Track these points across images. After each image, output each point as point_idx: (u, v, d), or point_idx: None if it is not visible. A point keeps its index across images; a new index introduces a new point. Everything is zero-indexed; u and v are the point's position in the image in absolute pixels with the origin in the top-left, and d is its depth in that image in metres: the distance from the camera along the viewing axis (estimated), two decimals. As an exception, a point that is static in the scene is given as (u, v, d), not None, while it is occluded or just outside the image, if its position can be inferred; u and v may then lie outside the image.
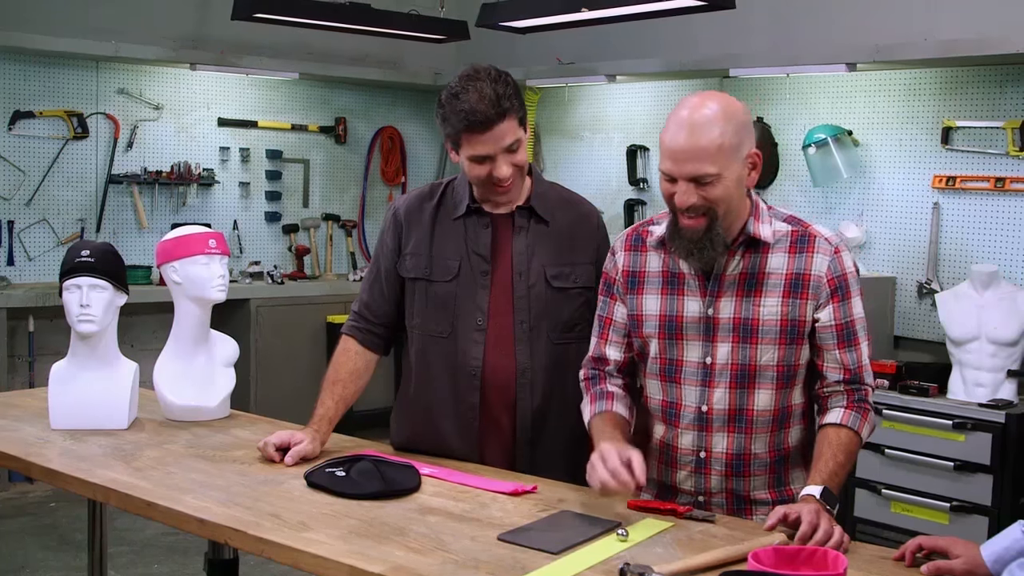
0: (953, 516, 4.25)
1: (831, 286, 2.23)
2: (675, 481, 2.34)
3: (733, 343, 2.24)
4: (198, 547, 2.84)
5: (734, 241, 2.24)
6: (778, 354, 2.23)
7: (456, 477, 2.42)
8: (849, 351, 2.25)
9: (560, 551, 1.96)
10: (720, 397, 2.26)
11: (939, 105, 4.92)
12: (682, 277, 2.29)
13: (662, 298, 2.31)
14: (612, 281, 2.41)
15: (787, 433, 2.30)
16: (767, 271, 2.24)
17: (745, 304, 2.23)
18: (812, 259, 2.23)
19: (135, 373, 2.90)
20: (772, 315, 2.22)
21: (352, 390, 2.66)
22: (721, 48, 5.52)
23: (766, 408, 2.26)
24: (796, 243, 2.25)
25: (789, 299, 2.22)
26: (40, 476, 2.54)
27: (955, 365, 4.53)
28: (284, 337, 6.20)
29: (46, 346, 5.69)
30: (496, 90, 2.42)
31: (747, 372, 2.24)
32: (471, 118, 2.40)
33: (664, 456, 2.35)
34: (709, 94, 2.20)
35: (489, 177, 2.47)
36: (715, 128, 2.11)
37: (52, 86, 5.88)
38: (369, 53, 6.73)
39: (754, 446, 2.27)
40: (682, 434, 2.31)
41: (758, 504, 2.30)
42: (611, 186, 6.33)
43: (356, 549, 1.96)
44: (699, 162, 2.11)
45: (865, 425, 2.25)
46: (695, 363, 2.28)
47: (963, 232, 4.86)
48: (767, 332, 2.23)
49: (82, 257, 2.79)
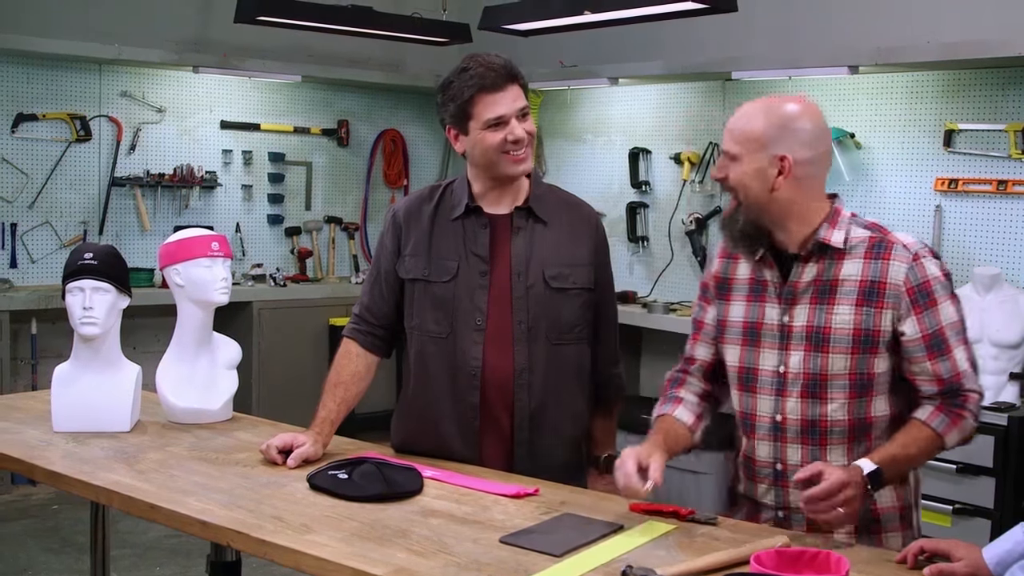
0: (955, 519, 4.23)
1: (910, 295, 2.17)
2: (757, 495, 2.33)
3: (805, 351, 2.22)
4: (200, 549, 2.83)
5: (803, 246, 2.24)
6: (850, 363, 2.19)
7: (458, 479, 2.43)
8: (942, 361, 2.18)
9: (562, 553, 1.96)
10: (793, 407, 2.24)
11: (941, 108, 4.91)
12: (765, 284, 2.30)
13: (747, 304, 2.32)
14: (707, 286, 2.43)
15: (868, 446, 2.21)
16: (841, 278, 2.21)
17: (818, 312, 2.22)
18: (888, 266, 2.18)
19: (138, 375, 2.90)
20: (845, 324, 2.19)
21: (354, 392, 2.67)
22: (723, 51, 5.51)
23: (840, 419, 2.21)
24: (872, 249, 2.21)
25: (863, 307, 2.19)
26: (43, 478, 2.55)
27: None
28: (286, 339, 6.19)
29: (48, 348, 5.68)
30: (502, 59, 2.52)
31: (818, 381, 2.21)
32: (485, 78, 2.47)
33: (747, 470, 2.35)
34: (792, 97, 2.27)
35: (504, 144, 2.50)
36: (758, 116, 2.20)
37: (55, 89, 5.87)
38: (371, 56, 6.73)
39: (830, 457, 2.21)
40: (759, 445, 2.30)
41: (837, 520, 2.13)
42: (613, 189, 6.33)
43: (358, 551, 1.96)
44: (730, 140, 2.23)
45: (953, 431, 2.17)
46: (770, 372, 2.27)
47: (965, 235, 4.84)
48: (839, 341, 2.19)
49: (85, 259, 2.80)
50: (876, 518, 2.24)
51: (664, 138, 6.08)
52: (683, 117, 5.99)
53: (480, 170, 2.59)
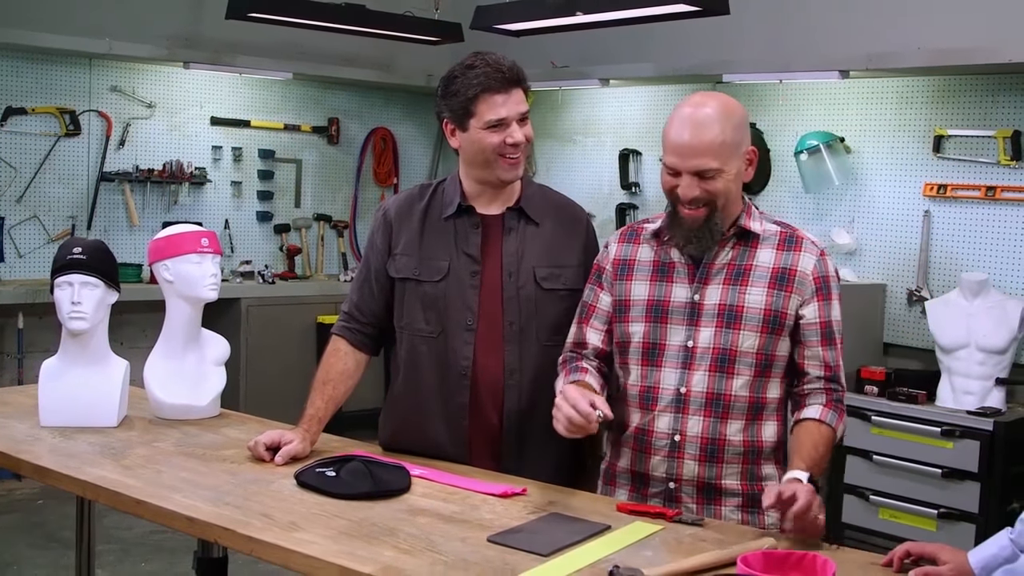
0: (941, 523, 4.27)
1: (816, 283, 2.33)
2: (648, 467, 2.37)
3: (716, 328, 2.31)
4: (187, 546, 2.82)
5: (726, 232, 2.35)
6: (759, 341, 2.31)
7: (446, 478, 2.42)
8: (830, 349, 2.34)
9: (550, 553, 1.96)
10: (699, 380, 2.31)
11: (931, 113, 4.94)
12: (672, 266, 2.38)
13: (651, 284, 2.39)
14: (601, 271, 2.48)
15: (761, 426, 2.34)
16: (755, 263, 2.34)
17: (731, 292, 2.32)
18: (799, 256, 2.33)
19: (126, 371, 2.89)
20: (757, 303, 2.31)
21: (342, 390, 2.66)
22: (714, 54, 5.53)
23: (743, 394, 2.31)
24: (784, 242, 2.36)
25: (774, 290, 2.31)
26: (29, 473, 2.53)
27: (944, 373, 4.55)
28: (274, 337, 6.19)
29: (35, 343, 5.68)
30: (508, 62, 2.52)
31: (727, 356, 2.31)
32: (491, 78, 2.47)
33: (638, 443, 2.38)
34: (710, 94, 2.33)
35: (502, 147, 2.50)
36: (716, 126, 2.23)
37: (44, 83, 5.86)
38: (363, 54, 6.71)
39: (729, 432, 2.31)
40: (658, 417, 2.35)
41: (728, 495, 2.33)
42: (603, 190, 6.33)
43: (346, 549, 1.96)
44: (703, 157, 2.23)
45: (840, 424, 2.33)
46: (677, 346, 2.34)
47: (953, 240, 4.87)
48: (750, 319, 2.30)
49: (74, 254, 2.78)
50: (760, 493, 2.25)
51: (654, 140, 6.04)
52: (674, 119, 5.98)
53: (472, 169, 2.59)
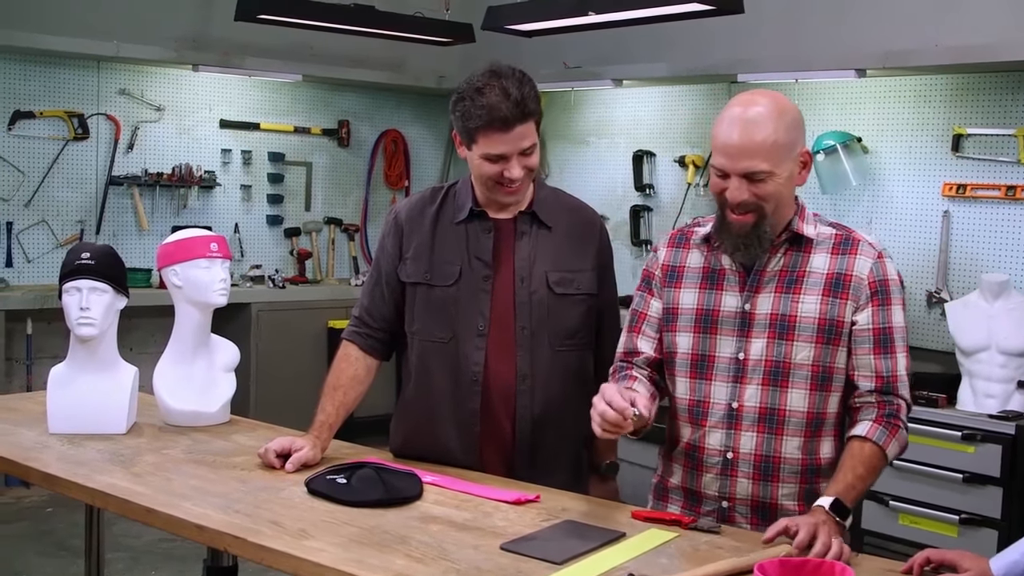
0: (962, 529, 4.22)
1: (871, 288, 2.22)
2: (700, 486, 2.31)
3: (769, 339, 2.22)
4: (197, 554, 2.83)
5: (777, 238, 2.26)
6: (814, 353, 2.21)
7: (458, 485, 2.42)
8: (885, 358, 2.22)
9: (563, 561, 1.96)
10: (752, 394, 2.23)
11: (950, 112, 4.89)
12: (722, 273, 2.30)
13: (700, 292, 2.31)
14: (651, 276, 2.41)
15: (820, 442, 2.25)
16: (808, 269, 2.24)
17: (784, 300, 2.23)
18: (855, 260, 2.23)
19: (135, 377, 2.89)
20: (810, 312, 2.22)
21: (353, 396, 2.66)
22: (729, 53, 5.48)
23: (799, 409, 2.22)
24: (839, 245, 2.26)
25: (829, 298, 2.22)
26: (37, 481, 2.53)
27: (964, 375, 4.50)
28: (285, 342, 6.18)
29: (44, 349, 5.66)
30: (521, 91, 2.42)
31: (781, 369, 2.22)
32: (494, 115, 2.41)
33: (689, 460, 2.32)
34: (762, 92, 2.25)
35: (499, 177, 2.48)
36: (769, 125, 2.15)
37: (52, 86, 5.85)
38: (373, 55, 6.69)
39: (784, 449, 2.23)
40: (709, 433, 2.27)
41: (785, 515, 2.22)
42: (617, 192, 6.30)
43: (357, 557, 1.96)
44: (753, 159, 2.15)
45: (892, 442, 2.18)
46: (727, 358, 2.26)
47: (973, 241, 4.83)
48: (804, 329, 2.21)
49: (82, 259, 2.79)
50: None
51: (668, 141, 6.05)
52: (688, 120, 5.97)
53: (477, 183, 2.59)
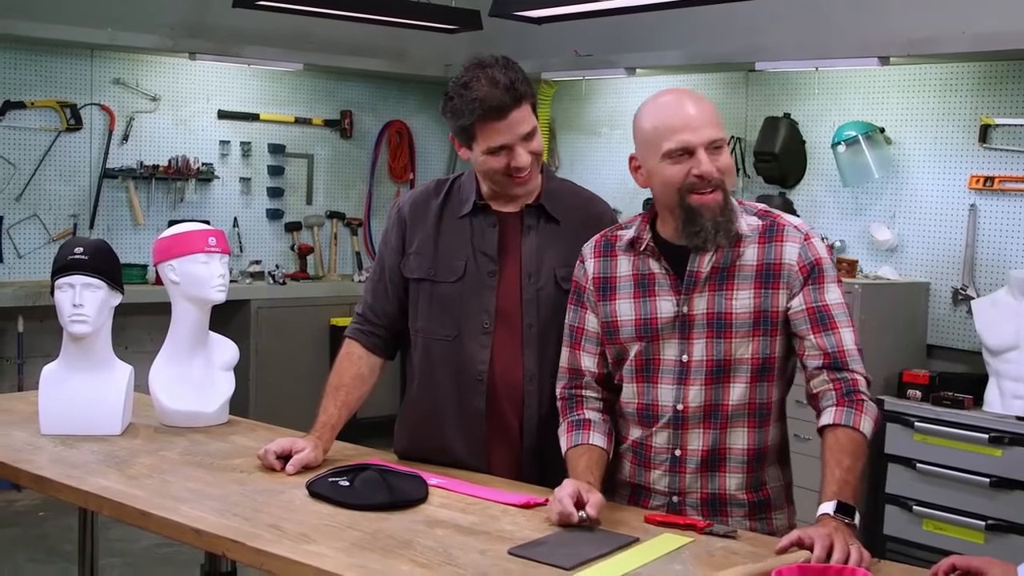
0: (989, 535, 4.23)
1: (803, 273, 2.25)
2: (649, 481, 2.34)
3: (707, 339, 2.26)
4: (194, 559, 2.84)
5: None
6: (752, 347, 2.25)
7: (465, 488, 2.41)
8: (826, 335, 2.23)
9: (573, 567, 1.95)
10: (696, 395, 2.27)
11: (976, 101, 4.86)
12: (653, 278, 2.31)
13: (635, 302, 2.33)
14: (582, 289, 2.41)
15: (765, 431, 2.29)
16: (738, 264, 2.27)
17: (717, 299, 2.26)
18: (782, 248, 2.26)
19: (130, 376, 2.88)
20: (745, 308, 2.25)
21: (356, 396, 2.64)
22: (746, 40, 5.45)
23: (740, 402, 2.26)
24: (765, 234, 2.28)
25: (761, 290, 2.25)
26: (29, 483, 2.53)
27: (992, 376, 4.49)
28: (285, 340, 6.18)
29: (35, 348, 5.64)
30: (509, 76, 2.43)
31: (722, 367, 2.26)
32: (487, 105, 2.40)
33: (637, 456, 2.35)
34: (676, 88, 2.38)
35: (507, 169, 2.46)
36: (702, 102, 2.24)
37: (44, 75, 5.85)
38: (376, 43, 6.67)
39: (729, 441, 2.27)
40: (657, 434, 2.31)
41: (734, 505, 2.29)
42: (629, 185, 6.05)
43: (360, 562, 1.95)
44: (712, 127, 2.22)
45: (863, 418, 2.18)
46: (672, 361, 2.29)
47: (1001, 235, 4.81)
48: (740, 325, 2.25)
49: (75, 255, 2.78)
50: (767, 499, 2.31)
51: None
52: (703, 110, 5.90)
53: (484, 180, 2.57)
